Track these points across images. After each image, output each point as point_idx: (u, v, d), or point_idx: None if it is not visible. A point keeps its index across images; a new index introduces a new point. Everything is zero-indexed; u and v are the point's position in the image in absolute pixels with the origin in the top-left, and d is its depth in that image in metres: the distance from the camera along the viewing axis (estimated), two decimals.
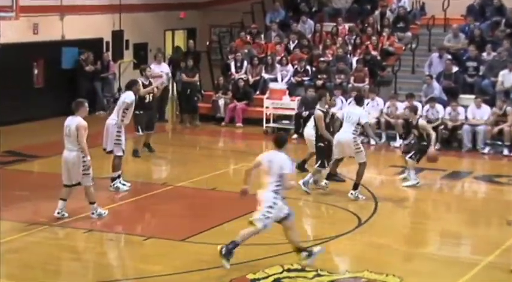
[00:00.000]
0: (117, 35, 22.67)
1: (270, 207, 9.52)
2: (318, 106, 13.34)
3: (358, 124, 12.99)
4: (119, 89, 22.68)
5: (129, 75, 22.78)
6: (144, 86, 16.03)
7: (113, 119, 13.21)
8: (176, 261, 9.97)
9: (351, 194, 12.94)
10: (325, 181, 13.37)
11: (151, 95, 15.78)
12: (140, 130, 15.61)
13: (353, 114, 13.06)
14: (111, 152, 13.19)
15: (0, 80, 18.95)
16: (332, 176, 13.51)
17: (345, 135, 13.00)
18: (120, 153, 13.15)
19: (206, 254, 10.14)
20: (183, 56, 22.02)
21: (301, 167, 14.33)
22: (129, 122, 13.48)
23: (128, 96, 13.37)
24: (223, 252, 9.38)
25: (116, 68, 22.34)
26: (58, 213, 11.31)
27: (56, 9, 20.44)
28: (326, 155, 13.19)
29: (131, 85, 13.78)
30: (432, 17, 21.31)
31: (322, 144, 13.17)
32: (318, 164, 13.23)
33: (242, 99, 20.28)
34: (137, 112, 14.51)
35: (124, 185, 13.22)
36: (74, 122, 11.22)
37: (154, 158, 16.26)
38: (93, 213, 11.53)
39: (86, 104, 11.44)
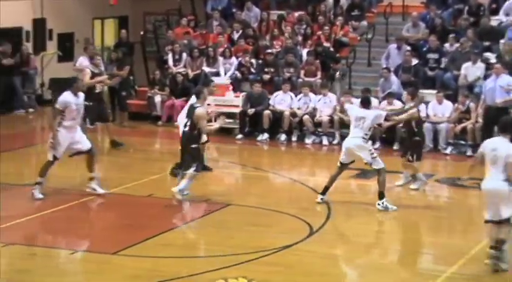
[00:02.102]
0: (39, 24, 22.40)
1: None
2: (196, 104, 13.08)
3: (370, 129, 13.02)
4: (42, 85, 22.43)
5: (53, 69, 22.59)
6: (94, 75, 16.05)
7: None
8: (107, 276, 9.89)
9: (378, 204, 12.93)
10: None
11: (100, 84, 15.91)
12: (89, 122, 15.66)
13: (367, 118, 12.94)
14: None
15: None
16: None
17: (352, 140, 12.99)
18: (50, 158, 13.15)
19: (142, 269, 10.10)
20: (114, 48, 21.88)
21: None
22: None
23: (61, 100, 13.12)
24: None
25: (37, 62, 22.07)
26: None
27: None
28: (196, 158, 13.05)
29: (72, 83, 13.47)
30: (390, 4, 21.55)
31: None
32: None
33: (181, 95, 20.20)
34: (87, 103, 14.41)
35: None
36: None
37: (83, 161, 16.10)
38: None
39: None
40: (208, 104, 19.41)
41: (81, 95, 13.47)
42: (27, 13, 21.98)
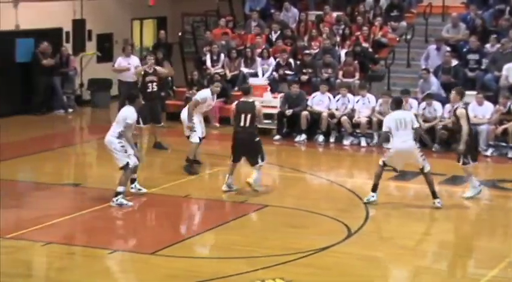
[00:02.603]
0: (79, 25, 22.61)
1: None
2: (250, 99, 13.75)
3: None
4: (81, 85, 22.66)
5: (92, 69, 22.81)
6: (147, 75, 16.25)
7: (110, 136, 12.96)
8: (144, 277, 9.97)
9: (434, 203, 13.04)
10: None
11: (154, 84, 16.20)
12: (141, 122, 15.92)
13: (406, 120, 13.04)
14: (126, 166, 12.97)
15: None
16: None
17: (407, 144, 13.03)
18: (126, 163, 12.98)
19: (179, 269, 10.17)
20: (152, 48, 22.03)
21: None
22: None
23: (130, 116, 12.90)
24: None
25: (77, 62, 22.29)
26: None
27: None
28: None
29: (134, 99, 13.26)
30: (429, 4, 21.44)
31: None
32: None
33: (219, 96, 20.25)
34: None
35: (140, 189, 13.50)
36: None
37: None
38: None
39: None
40: None
41: None
42: (67, 14, 22.20)
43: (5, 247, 10.69)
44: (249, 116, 13.50)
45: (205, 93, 15.11)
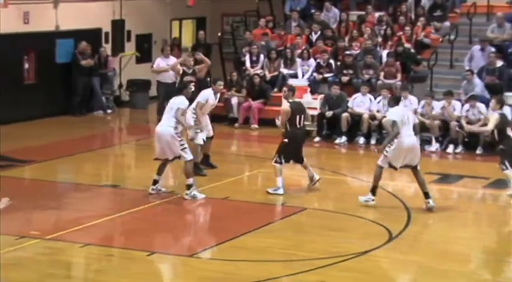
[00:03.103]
0: (118, 25, 22.76)
1: None
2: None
3: None
4: (120, 86, 22.81)
5: (131, 70, 22.95)
6: (185, 74, 16.39)
7: (167, 126, 13.27)
8: (183, 279, 9.99)
9: (429, 202, 13.04)
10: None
11: (192, 84, 16.26)
12: None
13: (410, 116, 13.29)
14: (178, 157, 13.36)
15: None
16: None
17: (413, 139, 13.10)
18: (190, 157, 13.35)
19: (218, 272, 10.19)
20: (192, 49, 22.09)
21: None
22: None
23: (182, 102, 13.39)
24: None
25: (116, 63, 22.43)
26: None
27: None
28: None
29: (181, 89, 13.75)
30: (473, 4, 21.24)
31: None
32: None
33: (258, 97, 20.30)
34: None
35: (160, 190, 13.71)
36: None
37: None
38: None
39: None
40: None
41: None
42: (106, 14, 22.36)
43: (44, 248, 10.80)
44: (303, 117, 13.96)
45: (206, 94, 14.81)
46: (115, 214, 12.66)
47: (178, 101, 13.40)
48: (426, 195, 13.11)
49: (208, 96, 14.78)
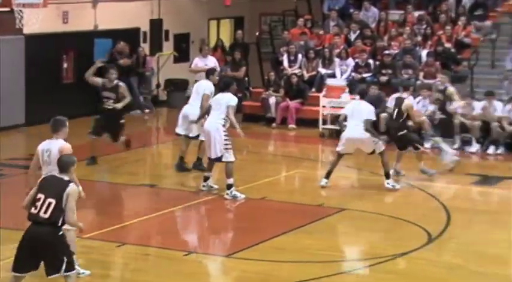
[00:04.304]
0: (156, 25, 22.89)
1: None
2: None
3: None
4: (158, 86, 22.92)
5: (169, 69, 23.06)
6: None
7: (216, 123, 13.33)
8: (220, 279, 10.01)
9: (388, 183, 13.95)
10: None
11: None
12: None
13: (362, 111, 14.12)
14: (219, 158, 13.38)
15: (26, 74, 19.33)
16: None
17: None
18: (232, 159, 13.39)
19: (254, 272, 10.20)
20: (230, 48, 22.13)
21: None
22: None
23: (231, 99, 13.42)
24: None
25: (153, 62, 22.54)
26: None
27: None
28: None
29: (229, 85, 13.68)
30: None
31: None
32: None
33: (296, 97, 20.28)
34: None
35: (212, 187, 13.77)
36: (56, 145, 9.97)
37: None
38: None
39: (67, 124, 10.34)
40: (324, 106, 19.54)
41: None
42: (144, 14, 22.49)
43: (82, 247, 10.87)
44: (397, 111, 15.05)
45: (210, 86, 14.44)
46: (152, 214, 12.73)
47: (227, 98, 13.38)
48: (386, 175, 14.13)
49: (212, 88, 14.44)
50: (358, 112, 14.12)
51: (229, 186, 13.45)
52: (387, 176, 14.17)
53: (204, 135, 13.67)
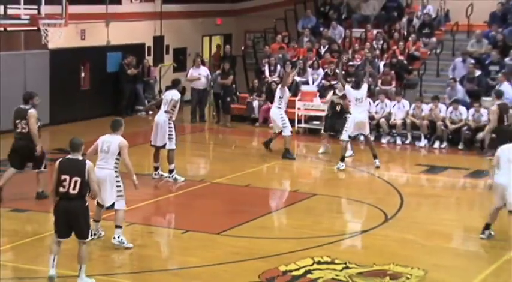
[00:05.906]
0: (158, 40, 22.78)
1: None
2: None
3: None
4: (160, 91, 22.80)
5: (170, 78, 22.91)
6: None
7: (163, 116, 13.39)
8: (212, 253, 9.98)
9: (375, 162, 14.72)
10: None
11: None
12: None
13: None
14: (163, 146, 13.42)
15: (50, 82, 19.21)
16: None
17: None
18: (173, 147, 13.42)
19: (241, 247, 10.16)
20: (220, 60, 22.02)
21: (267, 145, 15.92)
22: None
23: (175, 94, 13.51)
24: None
25: (156, 72, 22.45)
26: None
27: (102, 17, 20.61)
28: None
29: (176, 84, 13.88)
30: (456, 23, 21.06)
31: None
32: None
33: (269, 99, 20.17)
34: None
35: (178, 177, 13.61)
36: (116, 140, 10.22)
37: (193, 156, 16.35)
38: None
39: (123, 123, 10.57)
40: (299, 108, 19.47)
41: None
42: (149, 32, 22.39)
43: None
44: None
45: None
46: (154, 199, 12.66)
47: (171, 94, 13.48)
48: (374, 156, 14.73)
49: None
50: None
51: (170, 171, 13.46)
52: (374, 156, 14.83)
53: (154, 126, 13.61)
